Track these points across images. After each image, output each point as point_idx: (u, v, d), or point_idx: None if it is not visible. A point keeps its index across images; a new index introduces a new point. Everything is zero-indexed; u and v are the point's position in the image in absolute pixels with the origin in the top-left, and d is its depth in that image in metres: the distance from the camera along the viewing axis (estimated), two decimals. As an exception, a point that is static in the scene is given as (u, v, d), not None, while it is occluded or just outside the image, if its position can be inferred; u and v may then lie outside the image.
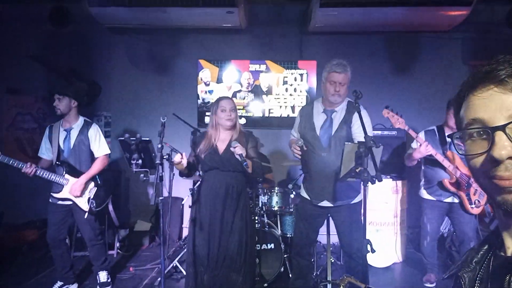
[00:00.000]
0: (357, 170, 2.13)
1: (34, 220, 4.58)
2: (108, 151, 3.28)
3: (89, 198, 3.17)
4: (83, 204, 3.16)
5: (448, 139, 3.27)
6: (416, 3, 4.01)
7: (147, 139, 2.38)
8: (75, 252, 4.03)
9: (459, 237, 3.43)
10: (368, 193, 2.20)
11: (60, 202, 3.16)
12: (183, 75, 4.88)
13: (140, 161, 2.33)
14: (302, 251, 2.89)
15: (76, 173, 3.17)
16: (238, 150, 2.54)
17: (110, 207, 3.36)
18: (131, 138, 2.35)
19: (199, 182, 2.87)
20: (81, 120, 3.27)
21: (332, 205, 2.67)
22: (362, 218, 2.49)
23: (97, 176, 3.23)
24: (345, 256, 2.87)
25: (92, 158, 3.25)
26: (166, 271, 3.34)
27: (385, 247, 3.87)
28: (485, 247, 0.73)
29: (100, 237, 3.34)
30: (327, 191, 2.40)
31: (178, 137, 4.14)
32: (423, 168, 3.47)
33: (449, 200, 3.28)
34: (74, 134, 3.21)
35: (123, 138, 2.26)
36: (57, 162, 3.16)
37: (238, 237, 2.73)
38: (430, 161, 3.30)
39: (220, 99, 2.85)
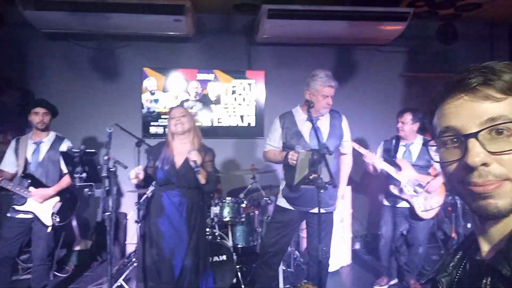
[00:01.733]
0: (311, 177, 2.16)
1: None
2: None
3: (53, 212, 3.09)
4: (46, 218, 3.07)
5: (401, 149, 3.47)
6: (357, 18, 4.25)
7: (92, 150, 2.22)
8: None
9: (409, 240, 3.59)
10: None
11: (20, 215, 3.05)
12: (127, 83, 4.69)
13: (84, 175, 2.16)
14: (270, 261, 2.81)
15: (42, 187, 3.10)
16: (193, 156, 2.51)
17: (74, 223, 3.39)
18: (74, 150, 2.17)
19: (146, 196, 2.73)
20: (52, 134, 3.26)
21: (324, 211, 2.64)
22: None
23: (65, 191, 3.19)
24: (312, 261, 2.85)
25: (60, 174, 3.20)
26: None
27: (333, 251, 3.97)
28: (461, 252, 0.74)
29: (49, 258, 3.18)
30: (316, 198, 2.36)
31: (122, 148, 3.93)
32: (385, 176, 3.59)
33: (402, 205, 3.44)
34: (44, 148, 3.17)
35: (65, 150, 2.08)
36: (22, 175, 3.09)
37: (192, 256, 2.67)
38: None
39: (171, 108, 2.85)
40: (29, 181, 3.07)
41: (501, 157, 0.61)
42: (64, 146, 3.20)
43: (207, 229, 3.23)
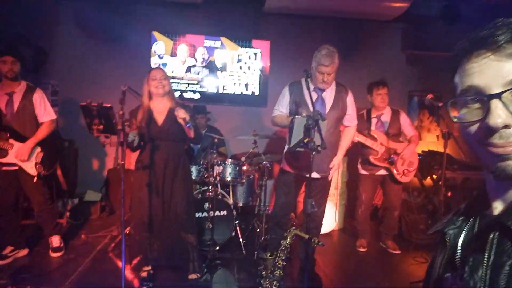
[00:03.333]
0: (305, 141, 2.39)
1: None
2: (54, 116, 3.24)
3: (36, 162, 3.12)
4: (30, 169, 3.10)
5: (373, 121, 3.72)
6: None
7: (109, 105, 2.44)
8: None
9: (384, 204, 3.93)
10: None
11: (4, 168, 3.08)
12: (136, 46, 4.84)
13: (101, 126, 2.39)
14: (281, 221, 3.10)
15: (21, 138, 3.09)
16: (182, 114, 2.67)
17: (59, 172, 3.35)
18: (93, 104, 2.39)
19: (140, 152, 2.98)
20: (23, 84, 3.17)
21: (319, 176, 2.90)
22: None
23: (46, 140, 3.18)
24: (306, 217, 3.13)
25: (37, 123, 3.17)
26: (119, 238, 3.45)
27: (326, 215, 4.26)
28: (471, 208, 0.74)
29: (49, 201, 3.31)
30: (316, 163, 2.54)
31: (130, 109, 4.15)
32: (361, 147, 3.87)
33: (380, 173, 3.73)
34: (17, 98, 3.11)
35: (84, 104, 2.29)
36: None
37: (181, 201, 2.92)
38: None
39: (150, 69, 2.99)
40: (8, 133, 3.05)
41: None
42: (37, 95, 3.14)
43: (210, 187, 3.51)
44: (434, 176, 4.43)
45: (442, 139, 3.07)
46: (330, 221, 4.31)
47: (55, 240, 3.33)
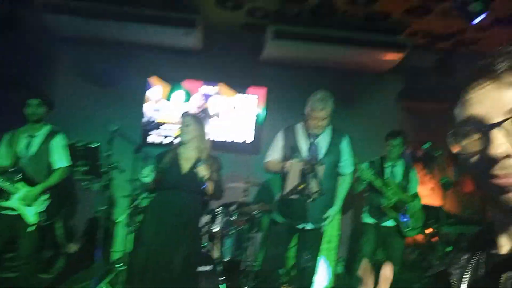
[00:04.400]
0: (300, 187, 2.20)
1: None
2: (69, 163, 3.12)
3: (41, 210, 2.96)
4: (31, 216, 2.92)
5: (386, 169, 3.58)
6: (358, 44, 4.40)
7: (96, 145, 2.26)
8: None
9: (386, 260, 3.62)
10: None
11: (4, 212, 2.92)
12: (131, 90, 4.79)
13: (85, 168, 2.19)
14: (270, 277, 2.86)
15: (31, 183, 2.97)
16: (201, 171, 2.54)
17: (60, 224, 3.22)
18: (78, 144, 2.21)
19: (153, 198, 2.75)
20: (46, 128, 3.12)
21: (313, 227, 2.69)
22: None
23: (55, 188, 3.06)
24: (298, 271, 2.88)
25: (49, 170, 3.06)
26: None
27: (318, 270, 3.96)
28: (474, 246, 0.71)
29: (36, 256, 3.05)
30: (310, 214, 2.37)
31: (119, 154, 3.97)
32: (365, 195, 3.68)
33: (387, 224, 3.50)
34: (37, 142, 3.05)
35: (69, 143, 2.11)
36: (11, 169, 2.96)
37: (183, 261, 2.63)
38: (371, 186, 3.53)
39: (182, 114, 2.87)
40: (19, 176, 2.95)
41: None
42: (58, 140, 3.09)
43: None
44: (431, 230, 4.20)
45: (442, 189, 2.88)
46: (321, 278, 3.98)
47: None
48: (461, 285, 0.66)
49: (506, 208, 0.59)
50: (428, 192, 5.05)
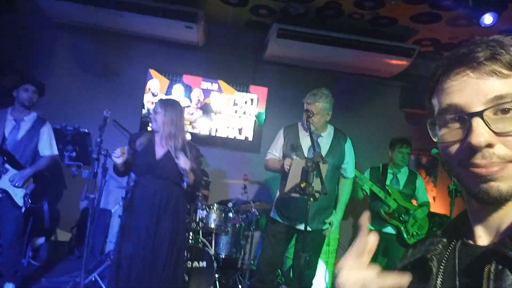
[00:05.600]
0: (302, 185, 2.15)
1: None
2: (56, 153, 3.17)
3: (25, 193, 2.95)
4: (19, 199, 2.92)
5: (389, 176, 3.54)
6: (363, 48, 4.36)
7: (85, 131, 2.21)
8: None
9: (387, 268, 3.58)
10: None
11: None
12: (130, 82, 4.71)
13: (74, 154, 2.13)
14: (266, 278, 2.78)
15: (17, 166, 2.96)
16: (182, 163, 2.45)
17: (46, 207, 3.23)
18: (68, 128, 2.16)
19: (132, 187, 2.69)
20: (33, 114, 3.14)
21: (309, 228, 2.55)
22: None
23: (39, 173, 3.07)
24: (295, 274, 2.82)
25: (36, 156, 3.09)
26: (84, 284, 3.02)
27: (316, 275, 3.90)
28: (448, 235, 0.70)
29: (19, 241, 3.02)
30: (310, 214, 2.27)
31: (115, 144, 3.90)
32: (369, 201, 3.63)
33: (387, 231, 3.45)
34: (24, 127, 3.05)
35: (58, 127, 2.05)
36: None
37: (166, 250, 2.54)
38: (372, 193, 3.50)
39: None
40: (5, 158, 2.92)
41: (506, 138, 0.57)
42: (46, 128, 3.11)
43: (191, 234, 3.17)
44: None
45: (449, 197, 2.84)
46: (320, 281, 3.92)
47: None
48: (439, 272, 0.65)
49: (485, 198, 0.58)
50: (430, 200, 5.03)
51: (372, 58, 4.49)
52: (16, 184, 2.89)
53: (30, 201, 2.96)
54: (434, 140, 0.65)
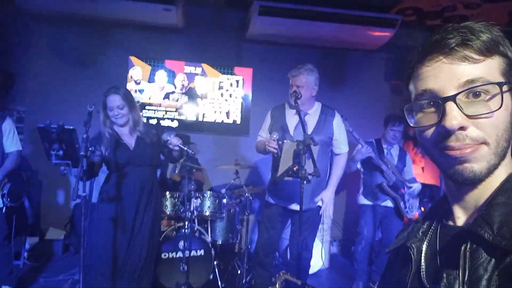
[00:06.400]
0: (294, 169, 2.13)
1: None
2: (20, 147, 3.06)
3: (3, 193, 2.91)
4: None
5: (385, 149, 3.56)
6: (347, 21, 4.29)
7: (71, 127, 2.14)
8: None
9: (383, 241, 3.65)
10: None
11: None
12: (112, 71, 4.57)
13: (61, 152, 2.07)
14: (264, 261, 2.79)
15: None
16: (175, 141, 2.50)
17: (26, 203, 3.19)
18: (52, 126, 2.08)
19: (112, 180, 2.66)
20: None
21: (308, 208, 2.58)
22: None
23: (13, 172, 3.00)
24: (292, 260, 2.84)
25: (2, 154, 2.98)
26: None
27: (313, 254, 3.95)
28: (429, 219, 0.73)
29: (6, 241, 2.97)
30: (297, 194, 2.27)
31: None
32: (362, 176, 3.65)
33: (384, 203, 3.48)
34: None
35: (42, 125, 1.98)
36: None
37: (147, 237, 2.62)
38: (368, 167, 3.51)
39: (105, 94, 2.61)
40: None
41: (478, 120, 0.60)
42: (7, 124, 2.97)
43: (186, 222, 3.16)
44: (422, 209, 4.24)
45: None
46: (317, 259, 3.99)
47: None
48: (422, 258, 0.68)
49: (460, 179, 0.62)
50: (419, 171, 5.10)
51: (356, 31, 4.42)
52: None
53: (9, 200, 2.93)
54: (411, 125, 0.67)
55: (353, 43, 4.72)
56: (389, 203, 3.47)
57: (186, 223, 3.13)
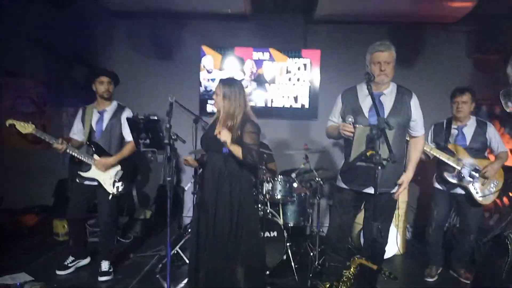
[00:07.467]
0: (368, 154, 2.09)
1: (33, 206, 4.64)
2: None
3: (114, 180, 3.24)
4: (108, 186, 3.21)
5: (454, 132, 3.30)
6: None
7: (155, 118, 2.33)
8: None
9: (460, 228, 3.46)
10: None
11: (86, 182, 3.23)
12: (186, 61, 4.83)
13: (147, 141, 2.29)
14: (337, 246, 2.77)
15: (105, 155, 3.22)
16: (222, 137, 2.46)
17: (134, 192, 3.60)
18: (140, 117, 2.30)
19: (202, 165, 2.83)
20: (114, 104, 3.35)
21: (383, 192, 2.50)
22: None
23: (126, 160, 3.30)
24: (367, 242, 2.79)
25: (122, 142, 3.30)
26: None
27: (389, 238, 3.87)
28: None
29: (115, 223, 3.39)
30: (372, 177, 2.20)
31: (179, 125, 4.06)
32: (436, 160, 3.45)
33: (456, 191, 3.28)
34: (107, 116, 3.28)
35: (131, 117, 2.20)
36: (87, 142, 3.23)
37: (236, 221, 2.55)
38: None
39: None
40: (94, 149, 3.20)
41: None
42: (126, 115, 3.26)
43: (260, 206, 3.27)
44: (511, 194, 3.88)
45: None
46: (392, 245, 3.89)
47: (105, 265, 3.29)
48: None
49: None
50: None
51: (434, 2, 4.08)
52: (101, 170, 3.16)
53: (119, 188, 3.23)
54: (507, 110, 0.63)
55: (430, 16, 4.39)
56: (460, 190, 3.25)
57: (260, 206, 3.26)
